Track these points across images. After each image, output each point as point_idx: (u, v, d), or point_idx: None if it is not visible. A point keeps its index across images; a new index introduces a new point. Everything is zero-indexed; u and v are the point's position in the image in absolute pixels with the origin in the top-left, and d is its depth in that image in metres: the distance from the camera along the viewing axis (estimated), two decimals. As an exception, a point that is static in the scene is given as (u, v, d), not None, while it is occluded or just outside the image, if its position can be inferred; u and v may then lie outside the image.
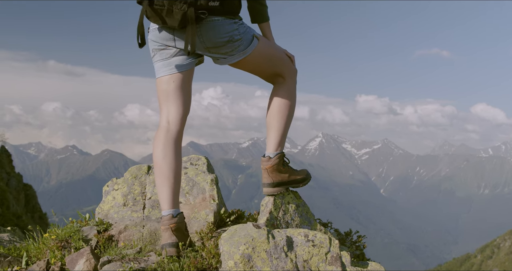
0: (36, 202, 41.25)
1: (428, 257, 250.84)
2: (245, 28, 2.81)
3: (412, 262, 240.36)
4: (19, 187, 38.29)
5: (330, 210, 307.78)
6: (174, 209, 2.70)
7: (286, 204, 3.05)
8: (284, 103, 3.04)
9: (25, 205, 37.56)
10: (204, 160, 3.64)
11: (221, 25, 2.69)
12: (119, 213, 3.26)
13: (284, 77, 3.05)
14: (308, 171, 3.24)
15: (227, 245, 2.44)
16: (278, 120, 3.03)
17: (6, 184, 35.78)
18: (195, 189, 3.36)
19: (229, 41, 2.74)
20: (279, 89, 3.06)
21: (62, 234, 2.97)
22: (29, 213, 36.83)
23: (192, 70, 2.87)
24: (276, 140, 3.04)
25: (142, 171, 3.56)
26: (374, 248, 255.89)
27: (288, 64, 3.06)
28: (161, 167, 2.74)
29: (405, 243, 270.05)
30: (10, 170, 39.23)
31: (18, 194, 36.95)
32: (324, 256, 2.52)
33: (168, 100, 2.83)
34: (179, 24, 2.59)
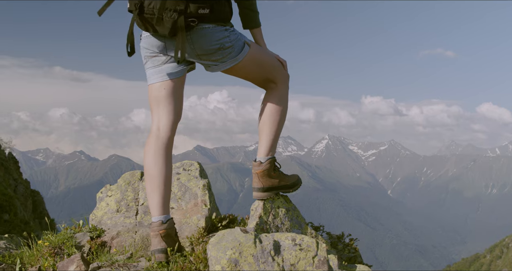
0: (44, 208, 41.42)
1: (436, 258, 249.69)
2: (236, 35, 2.83)
3: (420, 263, 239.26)
4: (26, 193, 38.47)
5: (337, 212, 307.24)
6: (164, 216, 2.73)
7: (276, 208, 3.08)
8: (275, 108, 3.08)
9: (33, 211, 37.74)
10: (197, 165, 3.67)
11: (212, 33, 2.71)
12: (112, 219, 3.31)
13: (276, 83, 3.08)
14: (299, 177, 3.27)
15: (214, 250, 2.47)
16: (269, 126, 3.07)
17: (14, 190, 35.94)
18: (187, 194, 3.39)
19: (220, 49, 2.76)
20: (271, 94, 3.10)
21: (56, 241, 3.01)
22: (37, 219, 37.02)
23: (183, 77, 2.90)
24: (268, 144, 3.07)
25: (135, 177, 3.60)
26: (382, 249, 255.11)
27: (280, 70, 3.08)
28: (151, 173, 2.78)
29: (413, 244, 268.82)
30: (17, 176, 39.43)
31: (25, 200, 37.12)
32: (311, 260, 2.54)
33: (159, 107, 2.86)
34: (170, 32, 2.61)
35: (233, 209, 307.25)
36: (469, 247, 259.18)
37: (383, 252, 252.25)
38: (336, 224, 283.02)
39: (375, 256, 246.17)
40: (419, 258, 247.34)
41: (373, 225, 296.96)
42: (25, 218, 32.93)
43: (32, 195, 39.59)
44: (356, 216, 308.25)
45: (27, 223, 32.51)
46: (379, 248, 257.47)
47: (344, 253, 3.53)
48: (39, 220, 38.17)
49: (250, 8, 2.92)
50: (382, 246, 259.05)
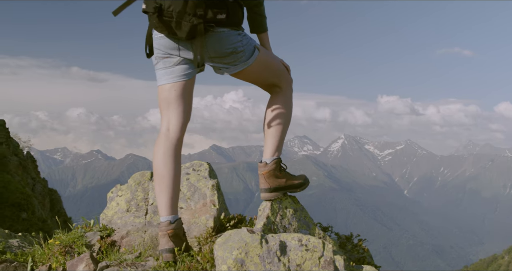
0: (61, 207, 41.87)
1: (453, 259, 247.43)
2: (247, 39, 2.89)
3: (437, 263, 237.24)
4: (44, 192, 38.92)
5: (353, 211, 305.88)
6: (172, 216, 2.77)
7: (284, 208, 3.09)
8: (280, 111, 3.12)
9: (50, 209, 38.17)
10: (206, 165, 3.70)
11: (227, 37, 2.76)
12: (122, 218, 3.35)
13: (281, 87, 3.14)
14: (306, 177, 3.28)
15: (221, 250, 2.49)
16: (275, 128, 3.11)
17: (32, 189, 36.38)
18: (196, 194, 3.42)
19: (233, 52, 2.81)
20: (276, 98, 3.15)
21: (67, 240, 3.06)
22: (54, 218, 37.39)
23: (193, 79, 2.94)
24: (273, 146, 3.11)
25: (145, 177, 3.64)
26: (399, 249, 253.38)
27: (285, 74, 3.14)
28: (160, 173, 2.81)
29: (430, 244, 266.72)
30: (35, 175, 39.91)
31: (43, 198, 37.55)
32: (317, 260, 2.55)
33: (169, 108, 2.90)
34: (187, 36, 2.66)
35: (249, 208, 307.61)
36: (486, 248, 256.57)
37: (400, 252, 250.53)
38: (352, 224, 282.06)
39: (391, 256, 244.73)
40: (436, 259, 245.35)
41: (390, 225, 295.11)
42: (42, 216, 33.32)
43: (49, 193, 40.05)
44: (372, 215, 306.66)
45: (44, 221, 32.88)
46: (396, 248, 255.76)
47: (353, 254, 3.53)
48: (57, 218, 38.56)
49: (258, 13, 2.98)
50: (399, 246, 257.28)
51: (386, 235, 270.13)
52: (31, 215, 31.73)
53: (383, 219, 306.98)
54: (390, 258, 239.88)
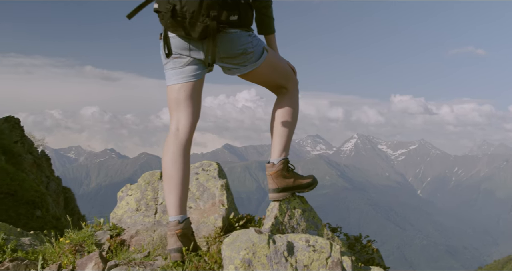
0: (75, 205, 42.23)
1: (467, 259, 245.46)
2: (257, 40, 2.92)
3: (451, 264, 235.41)
4: (58, 190, 39.27)
5: (366, 211, 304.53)
6: (181, 215, 2.78)
7: (292, 209, 3.10)
8: (287, 112, 3.15)
9: (64, 207, 38.51)
10: (216, 165, 3.72)
11: (238, 37, 2.80)
12: (132, 218, 3.38)
13: (287, 88, 3.16)
14: (315, 177, 3.28)
15: (228, 250, 2.51)
16: (281, 128, 3.14)
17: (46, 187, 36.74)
18: (206, 194, 3.44)
19: (243, 53, 2.84)
20: (283, 99, 3.18)
21: (77, 238, 3.09)
22: (68, 216, 37.70)
23: (202, 79, 2.96)
24: (280, 146, 3.12)
25: (155, 177, 3.67)
26: (412, 250, 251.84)
27: (291, 75, 3.17)
28: (169, 173, 2.83)
29: (444, 244, 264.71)
30: (49, 173, 40.30)
31: (57, 196, 37.88)
32: (324, 261, 2.56)
33: (179, 108, 2.92)
34: (199, 36, 2.69)
35: (262, 207, 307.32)
36: (501, 249, 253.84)
37: (413, 253, 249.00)
38: (365, 224, 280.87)
39: (404, 256, 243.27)
40: (449, 259, 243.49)
41: (403, 225, 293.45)
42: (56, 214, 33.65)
43: (63, 191, 40.42)
44: (385, 215, 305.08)
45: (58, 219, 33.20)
46: (409, 249, 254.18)
47: (362, 255, 3.53)
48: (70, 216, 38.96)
49: (267, 14, 3.01)
50: (412, 247, 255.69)
51: (399, 235, 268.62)
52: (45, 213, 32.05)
53: (396, 219, 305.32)
54: (404, 259, 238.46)
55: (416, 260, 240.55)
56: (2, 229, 3.73)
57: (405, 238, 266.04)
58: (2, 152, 20.07)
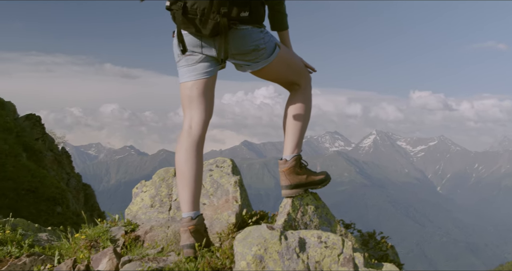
0: (95, 201, 42.70)
1: (489, 257, 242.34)
2: (269, 36, 2.92)
3: (472, 261, 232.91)
4: (78, 186, 39.73)
5: (385, 208, 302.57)
6: (194, 212, 2.81)
7: (305, 205, 3.10)
8: (300, 108, 3.14)
9: (84, 203, 38.97)
10: (229, 162, 3.73)
11: (249, 34, 2.80)
12: (146, 214, 3.41)
13: (300, 84, 3.15)
14: (328, 173, 3.27)
15: (240, 246, 2.52)
16: (294, 125, 3.13)
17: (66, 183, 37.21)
18: (219, 190, 3.46)
19: (254, 50, 2.85)
20: (296, 95, 3.17)
21: (92, 234, 3.14)
22: (88, 212, 38.16)
23: (215, 76, 2.97)
24: (293, 143, 3.12)
25: (169, 174, 3.70)
26: (432, 247, 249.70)
27: (304, 72, 3.16)
28: (182, 170, 2.85)
29: (464, 242, 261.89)
30: (70, 170, 40.77)
31: (77, 193, 38.34)
32: (336, 257, 2.56)
33: (191, 105, 2.94)
34: (210, 33, 2.71)
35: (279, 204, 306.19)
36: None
37: (433, 250, 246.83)
38: (384, 221, 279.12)
39: (424, 253, 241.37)
40: (470, 257, 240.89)
41: (422, 222, 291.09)
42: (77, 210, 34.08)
43: (83, 188, 40.91)
44: (404, 212, 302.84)
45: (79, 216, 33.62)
46: (428, 246, 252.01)
47: (375, 251, 3.52)
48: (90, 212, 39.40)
49: (280, 10, 3.00)
50: (431, 244, 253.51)
51: (418, 232, 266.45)
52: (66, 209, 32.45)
53: (415, 216, 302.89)
54: (423, 256, 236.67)
55: (435, 257, 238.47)
56: (20, 225, 3.80)
57: (424, 235, 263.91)
58: (23, 149, 20.33)
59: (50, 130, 29.80)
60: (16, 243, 3.30)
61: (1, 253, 3.12)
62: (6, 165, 17.40)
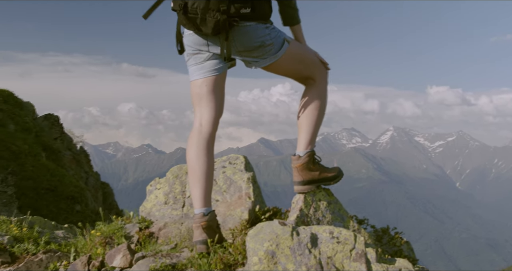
0: (113, 199, 43.11)
1: (509, 253, 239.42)
2: (276, 32, 2.90)
3: (492, 258, 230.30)
4: (97, 185, 40.15)
5: (403, 204, 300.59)
6: (206, 208, 2.82)
7: (317, 201, 3.11)
8: (314, 104, 3.11)
9: (103, 202, 39.37)
10: (242, 159, 3.74)
11: (254, 30, 2.79)
12: (160, 211, 3.45)
13: (314, 79, 3.11)
14: (340, 169, 3.27)
15: (252, 241, 2.53)
16: (308, 121, 3.11)
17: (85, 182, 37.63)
18: (232, 187, 3.47)
19: (261, 46, 2.84)
20: (310, 90, 3.14)
21: (107, 231, 3.18)
22: (107, 210, 38.48)
23: (224, 73, 2.98)
24: (306, 139, 3.11)
25: (183, 171, 3.73)
26: (451, 243, 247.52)
27: (318, 66, 3.11)
28: (193, 167, 2.87)
29: (484, 238, 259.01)
30: (88, 169, 41.21)
31: (96, 191, 38.75)
32: (348, 253, 2.56)
33: (201, 103, 2.96)
34: (212, 31, 2.71)
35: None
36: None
37: (452, 246, 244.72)
38: (403, 217, 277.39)
39: (443, 250, 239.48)
40: (490, 253, 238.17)
41: (441, 218, 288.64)
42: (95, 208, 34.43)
43: (102, 186, 41.33)
44: (423, 208, 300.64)
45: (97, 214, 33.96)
46: (448, 242, 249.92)
47: (389, 247, 3.51)
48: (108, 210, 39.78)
49: (290, 5, 2.98)
50: (451, 240, 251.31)
51: (437, 228, 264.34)
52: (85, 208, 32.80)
53: (434, 212, 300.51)
54: (442, 252, 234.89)
55: (455, 254, 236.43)
56: (37, 222, 3.86)
57: (443, 232, 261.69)
58: (42, 149, 20.58)
59: (68, 130, 30.12)
60: (33, 240, 3.36)
61: (18, 250, 3.18)
62: (26, 164, 17.63)
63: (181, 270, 2.59)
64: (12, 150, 17.83)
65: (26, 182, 16.55)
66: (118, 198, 46.48)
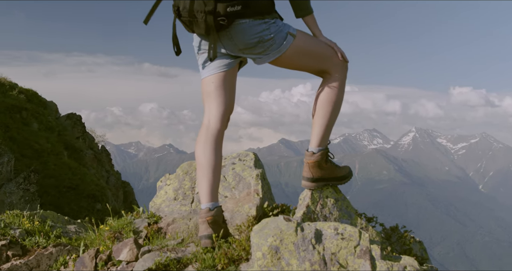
0: (134, 199, 43.57)
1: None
2: (277, 26, 2.83)
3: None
4: (117, 184, 40.58)
5: (425, 206, 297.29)
6: (212, 203, 2.84)
7: (325, 198, 3.10)
8: (328, 99, 3.02)
9: (124, 201, 39.79)
10: (252, 155, 3.76)
11: (249, 27, 2.77)
12: (170, 206, 3.49)
13: (329, 73, 3.00)
14: (350, 169, 3.24)
15: (256, 237, 2.54)
16: (321, 116, 3.04)
17: (106, 181, 38.06)
18: (241, 183, 3.49)
19: (259, 42, 2.81)
20: (325, 84, 3.04)
21: (116, 226, 3.22)
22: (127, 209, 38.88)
23: (234, 70, 2.97)
24: (320, 135, 3.06)
25: (192, 167, 3.76)
26: (473, 246, 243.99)
27: (332, 58, 2.98)
28: (200, 162, 2.90)
29: (507, 241, 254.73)
30: (109, 168, 41.68)
31: (117, 190, 39.18)
32: (353, 249, 2.55)
33: (210, 100, 2.98)
34: (206, 32, 2.73)
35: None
36: None
37: (474, 250, 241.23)
38: (424, 219, 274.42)
39: (465, 253, 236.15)
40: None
41: (463, 221, 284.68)
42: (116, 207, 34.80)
43: (123, 186, 41.76)
44: (445, 211, 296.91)
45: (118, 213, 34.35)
46: (470, 245, 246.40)
47: (399, 245, 3.48)
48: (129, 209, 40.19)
49: None
50: (473, 243, 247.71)
51: (459, 231, 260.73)
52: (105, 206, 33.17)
53: (456, 214, 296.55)
54: (464, 256, 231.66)
55: (477, 257, 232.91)
56: (49, 217, 3.93)
57: (465, 235, 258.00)
58: (64, 148, 20.87)
59: (90, 129, 30.47)
60: (44, 233, 3.42)
61: (29, 243, 3.24)
62: (48, 163, 17.90)
63: (186, 264, 2.61)
64: (35, 148, 18.13)
65: (48, 180, 16.81)
66: (139, 197, 46.85)
